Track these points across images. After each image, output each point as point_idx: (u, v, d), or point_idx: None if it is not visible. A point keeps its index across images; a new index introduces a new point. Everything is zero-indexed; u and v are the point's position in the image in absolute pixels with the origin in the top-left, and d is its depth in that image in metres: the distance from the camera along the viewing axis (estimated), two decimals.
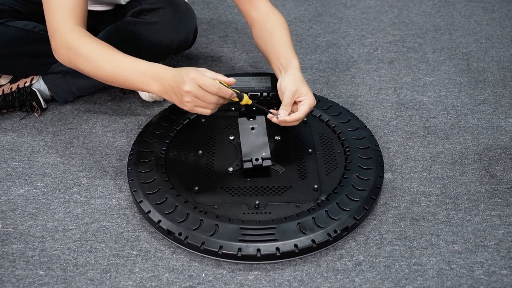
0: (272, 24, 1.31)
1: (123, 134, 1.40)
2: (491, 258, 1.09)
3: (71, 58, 1.14)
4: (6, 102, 1.42)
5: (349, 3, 2.04)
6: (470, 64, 1.69)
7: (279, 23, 1.32)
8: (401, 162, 1.32)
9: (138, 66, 1.11)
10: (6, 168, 1.30)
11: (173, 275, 1.06)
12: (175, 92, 1.08)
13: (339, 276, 1.06)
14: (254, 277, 1.05)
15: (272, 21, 1.32)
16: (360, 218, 1.12)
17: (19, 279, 1.05)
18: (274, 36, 1.30)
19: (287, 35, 1.31)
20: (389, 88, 1.58)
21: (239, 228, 1.08)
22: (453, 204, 1.21)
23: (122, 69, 1.12)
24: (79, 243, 1.12)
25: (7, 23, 1.34)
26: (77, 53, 1.13)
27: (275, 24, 1.31)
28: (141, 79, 1.11)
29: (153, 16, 1.39)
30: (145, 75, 1.10)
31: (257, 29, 1.33)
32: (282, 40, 1.30)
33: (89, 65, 1.13)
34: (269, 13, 1.33)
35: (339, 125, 1.35)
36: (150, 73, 1.10)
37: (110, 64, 1.12)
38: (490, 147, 1.37)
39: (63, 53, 1.15)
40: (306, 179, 1.21)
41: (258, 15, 1.33)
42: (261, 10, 1.33)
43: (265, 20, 1.32)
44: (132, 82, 1.12)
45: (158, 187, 1.17)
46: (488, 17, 1.94)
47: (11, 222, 1.16)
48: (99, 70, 1.13)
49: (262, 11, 1.33)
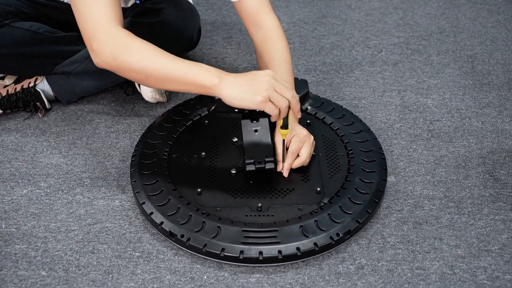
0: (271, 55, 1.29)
1: (126, 135, 1.40)
2: (495, 263, 1.09)
3: (120, 54, 1.08)
4: (10, 102, 1.43)
5: (353, 5, 2.03)
6: (475, 67, 1.68)
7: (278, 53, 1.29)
8: (405, 165, 1.32)
9: (198, 63, 1.09)
10: (10, 168, 1.30)
11: (175, 277, 1.05)
12: (251, 81, 1.05)
13: (341, 279, 1.05)
14: (256, 279, 1.05)
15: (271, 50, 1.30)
16: (362, 222, 1.12)
17: (22, 279, 1.05)
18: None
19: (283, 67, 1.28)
20: (393, 91, 1.58)
21: (241, 230, 1.08)
22: (457, 208, 1.21)
23: (180, 63, 1.08)
24: (81, 244, 1.12)
25: (12, 24, 1.34)
26: (129, 48, 1.08)
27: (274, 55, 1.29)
28: (202, 72, 1.07)
29: (156, 16, 1.39)
30: (206, 68, 1.08)
31: (258, 56, 1.35)
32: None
33: (144, 60, 1.08)
34: (268, 40, 1.31)
35: (343, 128, 1.35)
36: (213, 68, 1.08)
37: (167, 59, 1.09)
38: (494, 151, 1.36)
39: (108, 51, 1.08)
40: (309, 181, 1.21)
41: (258, 38, 1.32)
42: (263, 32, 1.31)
43: (264, 47, 1.31)
44: (190, 75, 1.07)
45: (160, 189, 1.17)
46: (494, 19, 1.93)
47: (14, 222, 1.17)
48: (153, 64, 1.08)
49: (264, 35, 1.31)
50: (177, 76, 1.08)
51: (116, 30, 1.09)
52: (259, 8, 1.31)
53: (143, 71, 1.09)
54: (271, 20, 1.32)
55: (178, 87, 1.11)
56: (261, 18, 1.31)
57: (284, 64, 1.27)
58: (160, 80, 1.10)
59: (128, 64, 1.09)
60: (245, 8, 1.31)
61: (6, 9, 1.36)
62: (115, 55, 1.08)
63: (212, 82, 1.06)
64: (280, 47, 1.30)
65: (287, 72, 1.27)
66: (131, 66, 1.09)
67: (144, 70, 1.09)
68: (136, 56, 1.08)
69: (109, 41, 1.08)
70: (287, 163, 1.21)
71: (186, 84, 1.09)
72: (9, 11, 1.37)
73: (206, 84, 1.07)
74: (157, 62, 1.08)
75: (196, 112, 1.40)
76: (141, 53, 1.08)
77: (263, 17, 1.31)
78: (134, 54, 1.08)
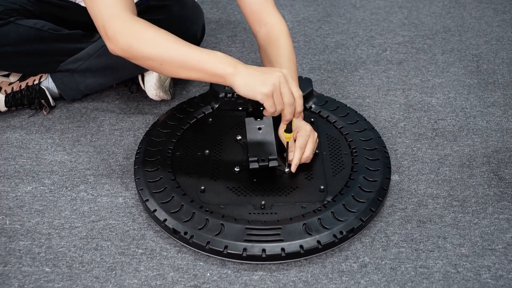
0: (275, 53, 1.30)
1: (130, 132, 1.41)
2: (499, 262, 1.08)
3: (136, 42, 1.08)
4: (15, 100, 1.43)
5: (358, 4, 2.03)
6: (480, 66, 1.67)
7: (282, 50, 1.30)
8: (409, 164, 1.31)
9: (213, 51, 1.09)
10: (14, 165, 1.30)
11: (178, 274, 1.06)
12: (263, 72, 1.05)
13: (344, 277, 1.05)
14: (259, 277, 1.05)
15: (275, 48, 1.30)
16: (366, 220, 1.12)
17: (25, 275, 1.05)
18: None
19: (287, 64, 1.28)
20: (397, 89, 1.57)
21: (244, 228, 1.08)
22: (461, 206, 1.20)
23: (194, 51, 1.08)
24: (85, 241, 1.12)
25: (17, 21, 1.35)
26: (144, 36, 1.08)
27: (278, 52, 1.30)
28: (216, 60, 1.06)
29: (160, 13, 1.39)
30: (221, 56, 1.07)
31: (262, 53, 1.35)
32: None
33: (157, 47, 1.08)
34: (272, 37, 1.31)
35: (347, 126, 1.35)
36: (227, 57, 1.08)
37: (181, 46, 1.08)
38: (499, 150, 1.36)
39: (123, 39, 1.08)
40: (313, 180, 1.21)
41: (262, 36, 1.33)
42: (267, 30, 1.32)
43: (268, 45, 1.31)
44: (204, 62, 1.07)
45: (164, 186, 1.17)
46: (499, 18, 1.93)
47: (18, 218, 1.17)
48: (168, 51, 1.08)
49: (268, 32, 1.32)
50: (191, 63, 1.08)
51: (131, 18, 1.09)
52: (263, 5, 1.31)
53: (158, 58, 1.09)
54: (275, 18, 1.31)
55: (192, 75, 1.10)
56: (265, 15, 1.31)
57: (288, 62, 1.27)
58: (175, 67, 1.10)
59: (143, 52, 1.09)
60: (248, 5, 1.31)
61: (11, 7, 1.36)
62: (131, 43, 1.08)
63: (226, 71, 1.06)
64: (284, 44, 1.30)
65: (291, 70, 1.26)
66: (146, 54, 1.09)
67: (159, 57, 1.09)
68: (151, 44, 1.08)
69: (125, 29, 1.08)
70: (296, 158, 1.20)
71: (200, 71, 1.08)
72: (14, 8, 1.37)
73: (219, 73, 1.06)
74: (172, 49, 1.08)
75: (200, 110, 1.40)
76: (156, 40, 1.08)
77: (267, 14, 1.31)
78: (149, 42, 1.08)
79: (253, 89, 1.05)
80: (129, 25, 1.08)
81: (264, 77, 1.05)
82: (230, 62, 1.07)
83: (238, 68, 1.06)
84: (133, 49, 1.09)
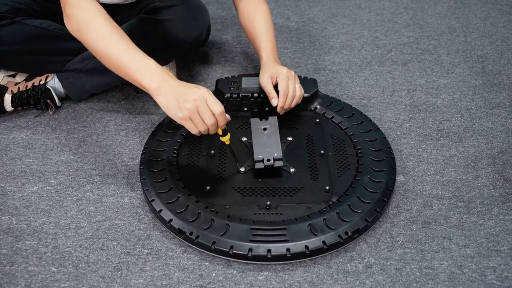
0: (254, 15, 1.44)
1: (136, 133, 1.41)
2: (504, 263, 1.08)
3: (82, 27, 1.08)
4: (21, 100, 1.44)
5: (363, 5, 2.03)
6: (485, 67, 1.67)
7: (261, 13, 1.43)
8: (414, 164, 1.31)
9: (148, 60, 1.08)
10: (21, 165, 1.31)
11: (183, 274, 1.06)
12: (179, 95, 1.05)
13: (349, 278, 1.05)
14: (264, 277, 1.05)
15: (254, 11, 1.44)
16: (371, 221, 1.12)
17: (32, 275, 1.06)
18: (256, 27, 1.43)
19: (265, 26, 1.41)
20: (402, 90, 1.57)
21: (250, 228, 1.08)
22: (466, 207, 1.20)
23: (130, 55, 1.07)
24: (91, 241, 1.13)
25: (23, 21, 1.35)
26: (90, 24, 1.08)
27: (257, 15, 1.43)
28: (146, 71, 1.06)
29: (167, 13, 1.40)
30: (151, 69, 1.07)
31: (242, 18, 1.47)
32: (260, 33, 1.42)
33: (98, 41, 1.08)
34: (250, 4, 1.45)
35: (352, 127, 1.35)
36: (159, 70, 1.07)
37: (120, 47, 1.08)
38: (504, 151, 1.35)
39: (74, 20, 1.08)
40: (318, 180, 1.21)
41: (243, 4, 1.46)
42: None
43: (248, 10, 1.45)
44: (133, 70, 1.07)
45: (170, 186, 1.18)
46: (505, 19, 1.92)
47: (25, 218, 1.18)
48: (106, 48, 1.08)
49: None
50: (122, 68, 1.08)
51: (89, 2, 1.09)
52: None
53: (97, 51, 1.09)
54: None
55: (124, 78, 1.11)
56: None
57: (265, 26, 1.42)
58: (109, 65, 1.10)
59: (86, 39, 1.09)
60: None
61: (16, 7, 1.37)
62: (79, 26, 1.09)
63: (150, 86, 1.07)
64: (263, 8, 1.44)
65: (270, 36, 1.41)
66: (88, 42, 1.10)
67: (97, 51, 1.09)
68: (92, 34, 1.08)
69: (78, 11, 1.08)
70: (285, 104, 1.30)
71: (129, 77, 1.09)
72: (20, 8, 1.38)
73: (144, 85, 1.07)
74: (108, 46, 1.07)
75: None
76: (99, 33, 1.08)
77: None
78: (91, 32, 1.08)
79: (171, 113, 1.07)
80: (82, 9, 1.08)
81: (180, 102, 1.05)
82: (155, 76, 1.06)
83: (162, 86, 1.06)
84: (80, 33, 1.09)
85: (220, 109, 1.07)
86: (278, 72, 1.30)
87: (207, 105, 1.06)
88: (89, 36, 1.08)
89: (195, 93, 1.05)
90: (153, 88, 1.07)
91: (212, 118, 1.07)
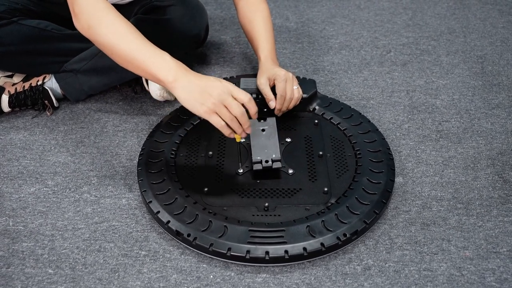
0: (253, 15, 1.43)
1: (134, 134, 1.40)
2: (503, 265, 1.07)
3: (93, 25, 1.08)
4: (19, 101, 1.43)
5: (362, 5, 2.02)
6: (485, 67, 1.67)
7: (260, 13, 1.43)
8: (413, 166, 1.31)
9: (163, 53, 1.07)
10: (18, 166, 1.30)
11: (181, 276, 1.05)
12: (202, 89, 1.04)
13: (347, 280, 1.05)
14: (262, 279, 1.05)
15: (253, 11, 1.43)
16: (370, 222, 1.11)
17: (29, 277, 1.05)
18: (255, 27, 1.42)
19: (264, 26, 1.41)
20: (401, 91, 1.57)
21: (248, 230, 1.08)
22: (465, 209, 1.20)
23: (145, 49, 1.07)
24: (88, 243, 1.12)
25: (20, 21, 1.35)
26: (101, 20, 1.07)
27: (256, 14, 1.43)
28: (161, 64, 1.06)
29: (165, 13, 1.40)
30: (167, 62, 1.06)
31: (241, 17, 1.46)
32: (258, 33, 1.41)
33: (110, 36, 1.07)
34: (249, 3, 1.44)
35: (350, 128, 1.34)
36: (174, 63, 1.06)
37: (133, 41, 1.07)
38: (503, 152, 1.35)
39: (85, 18, 1.08)
40: (316, 181, 1.20)
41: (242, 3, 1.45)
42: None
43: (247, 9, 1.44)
44: (148, 64, 1.06)
45: (167, 188, 1.17)
46: (504, 19, 1.92)
47: (22, 220, 1.17)
48: (119, 43, 1.07)
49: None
50: (137, 61, 1.07)
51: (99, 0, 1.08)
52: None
53: (109, 47, 1.09)
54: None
55: (139, 73, 1.10)
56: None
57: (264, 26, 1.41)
58: (122, 61, 1.10)
59: (97, 36, 1.09)
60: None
61: (13, 7, 1.37)
62: (90, 24, 1.08)
63: (167, 79, 1.06)
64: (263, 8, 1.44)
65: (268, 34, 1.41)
66: (99, 39, 1.09)
67: (110, 47, 1.08)
68: (105, 30, 1.07)
69: (89, 8, 1.08)
70: (282, 106, 1.30)
71: (145, 72, 1.08)
72: (17, 8, 1.37)
73: (161, 79, 1.06)
74: (123, 42, 1.07)
75: None
76: (112, 28, 1.07)
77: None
78: (104, 28, 1.07)
79: (192, 107, 1.06)
80: (93, 6, 1.08)
81: (205, 96, 1.04)
82: (172, 68, 1.06)
83: (179, 79, 1.05)
84: (91, 31, 1.09)
85: (247, 96, 1.06)
86: (275, 74, 1.30)
87: (233, 97, 1.05)
88: (100, 33, 1.08)
89: (218, 87, 1.05)
90: (169, 81, 1.06)
91: (240, 107, 1.06)
